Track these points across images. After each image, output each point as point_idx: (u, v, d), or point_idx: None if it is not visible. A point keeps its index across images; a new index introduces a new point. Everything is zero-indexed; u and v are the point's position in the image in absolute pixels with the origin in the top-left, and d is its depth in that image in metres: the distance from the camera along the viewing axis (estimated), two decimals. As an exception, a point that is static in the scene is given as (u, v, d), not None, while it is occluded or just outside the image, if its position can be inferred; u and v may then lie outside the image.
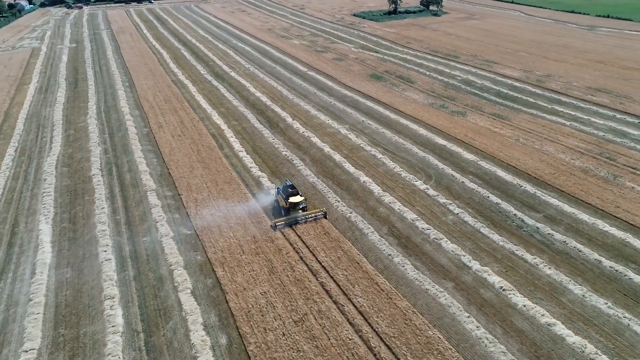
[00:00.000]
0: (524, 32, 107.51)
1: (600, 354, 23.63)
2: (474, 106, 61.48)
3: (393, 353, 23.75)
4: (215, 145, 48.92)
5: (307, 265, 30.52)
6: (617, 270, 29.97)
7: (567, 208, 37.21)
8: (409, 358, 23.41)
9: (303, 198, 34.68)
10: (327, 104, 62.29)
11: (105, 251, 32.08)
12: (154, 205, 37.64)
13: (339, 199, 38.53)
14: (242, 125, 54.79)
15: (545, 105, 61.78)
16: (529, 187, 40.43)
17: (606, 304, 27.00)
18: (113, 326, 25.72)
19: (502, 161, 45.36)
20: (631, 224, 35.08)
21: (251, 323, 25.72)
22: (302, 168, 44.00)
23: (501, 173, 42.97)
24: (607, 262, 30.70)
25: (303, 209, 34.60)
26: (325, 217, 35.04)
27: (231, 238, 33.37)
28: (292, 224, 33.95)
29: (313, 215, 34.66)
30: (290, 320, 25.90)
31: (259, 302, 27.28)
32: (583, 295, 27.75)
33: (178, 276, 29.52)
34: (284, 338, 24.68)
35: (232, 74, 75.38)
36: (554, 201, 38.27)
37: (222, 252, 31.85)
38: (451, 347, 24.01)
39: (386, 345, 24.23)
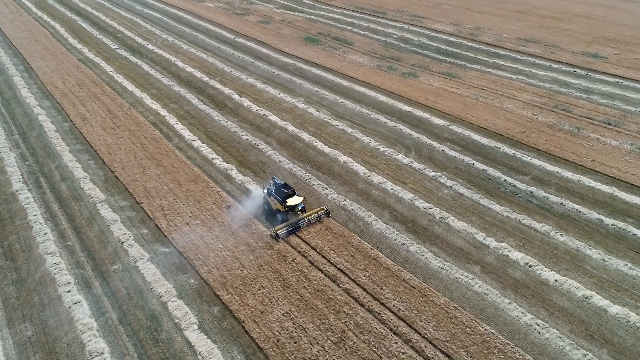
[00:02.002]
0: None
1: (644, 320, 23.71)
2: (421, 66, 60.07)
3: (454, 361, 21.74)
4: (160, 136, 42.07)
5: (321, 271, 27.05)
6: (620, 228, 30.57)
7: (549, 167, 37.42)
8: (472, 363, 21.57)
9: (302, 198, 30.53)
10: (270, 75, 56.89)
11: (68, 291, 25.67)
12: (111, 221, 31.13)
13: (326, 186, 35.00)
14: (183, 108, 47.89)
15: (486, 59, 62.29)
16: (507, 149, 40.10)
17: (626, 265, 27.30)
18: (115, 392, 20.55)
19: (472, 123, 44.58)
20: (611, 177, 36.19)
21: (286, 355, 22.04)
22: (271, 153, 39.39)
23: (476, 137, 42.15)
24: (608, 220, 31.21)
25: (302, 210, 30.49)
26: (329, 216, 31.27)
27: (222, 250, 28.61)
28: (295, 230, 29.77)
29: (315, 215, 30.71)
30: (329, 342, 22.63)
31: (285, 325, 23.53)
32: (602, 260, 27.82)
33: (175, 309, 24.48)
34: (331, 366, 21.46)
35: (150, 47, 65.90)
36: (535, 161, 38.31)
37: (217, 269, 27.12)
38: (508, 341, 22.56)
39: (443, 352, 22.10)
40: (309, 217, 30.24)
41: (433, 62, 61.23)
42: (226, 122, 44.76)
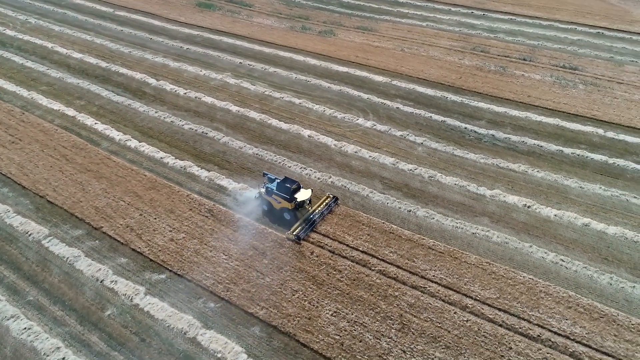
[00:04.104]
0: None
1: None
2: (333, 22, 58.39)
3: (513, 314, 22.28)
4: (83, 142, 34.98)
5: (347, 258, 25.43)
6: (579, 155, 33.78)
7: (497, 109, 39.57)
8: (529, 313, 22.35)
9: (310, 190, 27.86)
10: (179, 50, 50.42)
11: (63, 359, 20.57)
12: (73, 259, 25.35)
13: (303, 166, 32.64)
14: (94, 103, 40.23)
15: (391, 9, 62.86)
16: (454, 97, 41.37)
17: (600, 188, 30.34)
18: None
19: (411, 76, 44.91)
20: (550, 109, 39.59)
21: (357, 357, 20.52)
22: (226, 140, 35.33)
23: (421, 89, 42.64)
24: (567, 150, 34.24)
25: (309, 203, 27.93)
26: (337, 203, 28.91)
27: (228, 261, 25.23)
28: (312, 227, 27.00)
29: (327, 206, 28.24)
30: (394, 330, 21.59)
31: (341, 326, 21.81)
32: (581, 187, 30.55)
33: (210, 343, 21.11)
34: (408, 355, 20.54)
35: (11, 33, 53.56)
36: (483, 105, 40.19)
37: (235, 284, 23.90)
38: (549, 283, 23.77)
39: (500, 309, 22.52)
40: (321, 209, 27.81)
41: (343, 17, 59.85)
42: (155, 112, 38.80)
